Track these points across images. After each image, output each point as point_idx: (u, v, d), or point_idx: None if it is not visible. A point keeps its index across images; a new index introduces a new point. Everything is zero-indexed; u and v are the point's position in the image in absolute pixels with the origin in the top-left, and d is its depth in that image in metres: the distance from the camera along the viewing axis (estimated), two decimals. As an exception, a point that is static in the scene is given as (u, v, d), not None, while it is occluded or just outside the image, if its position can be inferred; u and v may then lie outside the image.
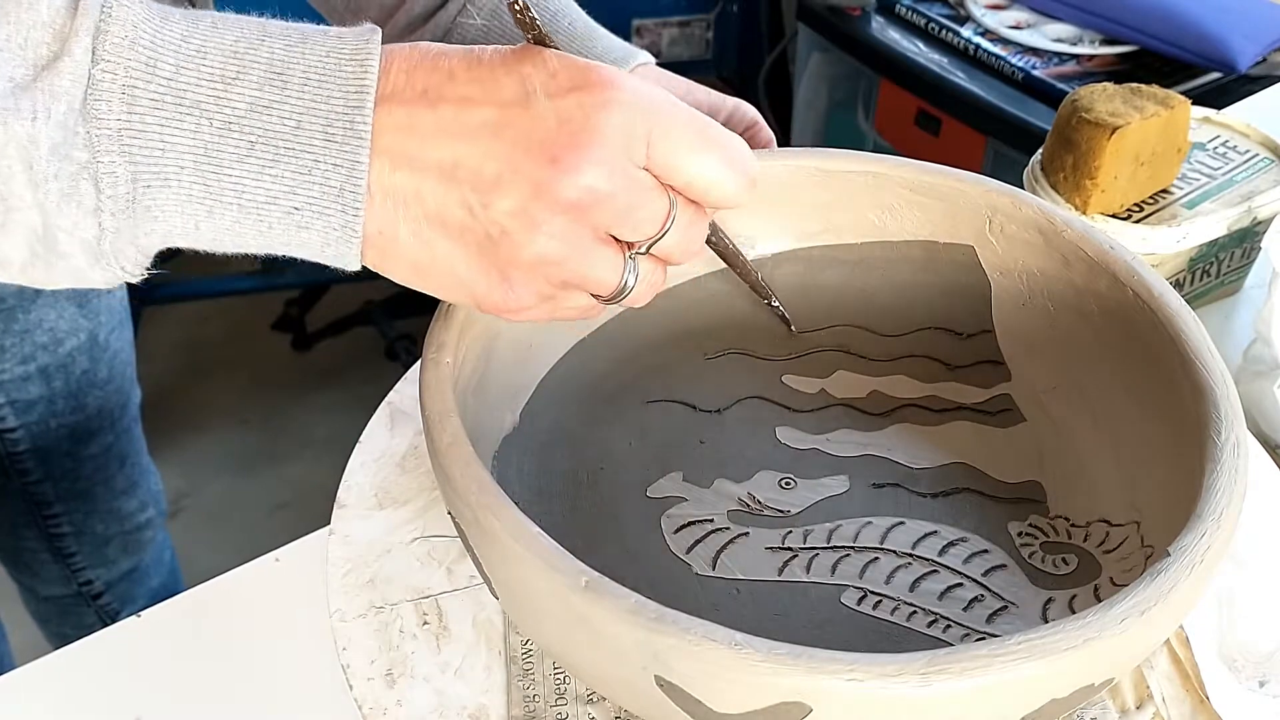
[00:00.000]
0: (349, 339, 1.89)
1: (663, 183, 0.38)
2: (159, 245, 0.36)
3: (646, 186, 0.38)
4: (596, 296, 0.40)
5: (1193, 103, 0.68)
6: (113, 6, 0.34)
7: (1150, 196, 0.68)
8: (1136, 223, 0.67)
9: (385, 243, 0.37)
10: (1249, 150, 0.72)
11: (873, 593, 0.45)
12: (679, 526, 0.47)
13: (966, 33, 1.33)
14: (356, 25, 0.37)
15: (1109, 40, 1.28)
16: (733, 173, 0.39)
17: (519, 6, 0.37)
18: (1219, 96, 1.13)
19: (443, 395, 0.42)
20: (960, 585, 0.45)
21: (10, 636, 0.99)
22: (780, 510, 0.48)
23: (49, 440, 0.85)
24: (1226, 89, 1.18)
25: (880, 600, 0.45)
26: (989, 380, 0.53)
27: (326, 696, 0.49)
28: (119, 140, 0.34)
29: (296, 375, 1.88)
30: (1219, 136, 0.73)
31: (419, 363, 0.44)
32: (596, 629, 0.36)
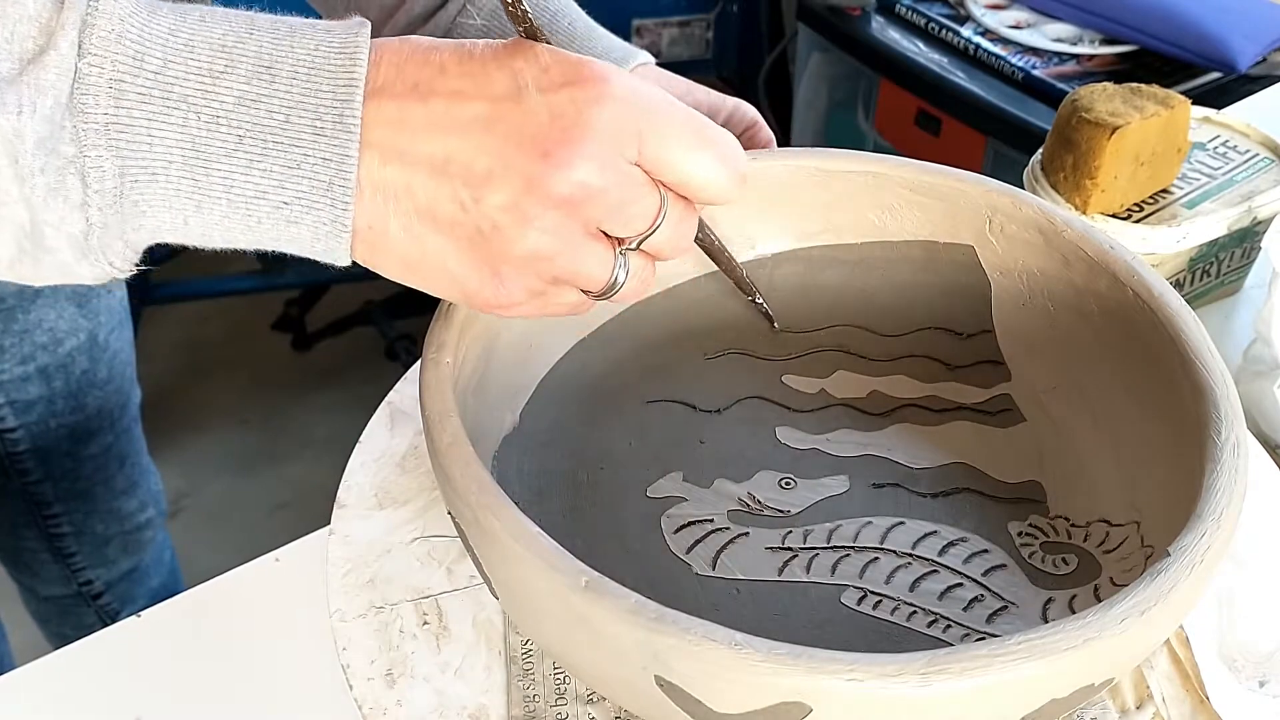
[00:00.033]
0: (349, 339, 1.89)
1: (653, 179, 0.38)
2: (148, 241, 0.36)
3: (638, 182, 0.38)
4: (586, 292, 0.40)
5: (1193, 103, 0.68)
6: (99, 0, 0.33)
7: (1150, 196, 0.68)
8: (1136, 223, 0.67)
9: (375, 237, 0.37)
10: (1249, 150, 0.72)
11: (873, 593, 0.45)
12: (679, 526, 0.47)
13: (966, 32, 1.33)
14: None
15: (1109, 40, 1.28)
16: (724, 169, 0.39)
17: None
18: (1219, 96, 1.13)
19: (443, 395, 0.42)
20: (960, 585, 0.45)
21: (10, 636, 0.99)
22: (780, 510, 0.48)
23: (49, 440, 0.85)
24: (1226, 89, 1.18)
25: (880, 600, 0.45)
26: (989, 380, 0.53)
27: (326, 696, 0.49)
28: (106, 135, 0.34)
29: (296, 375, 1.88)
30: (1219, 136, 0.73)
31: (419, 363, 0.44)
32: (596, 629, 0.36)
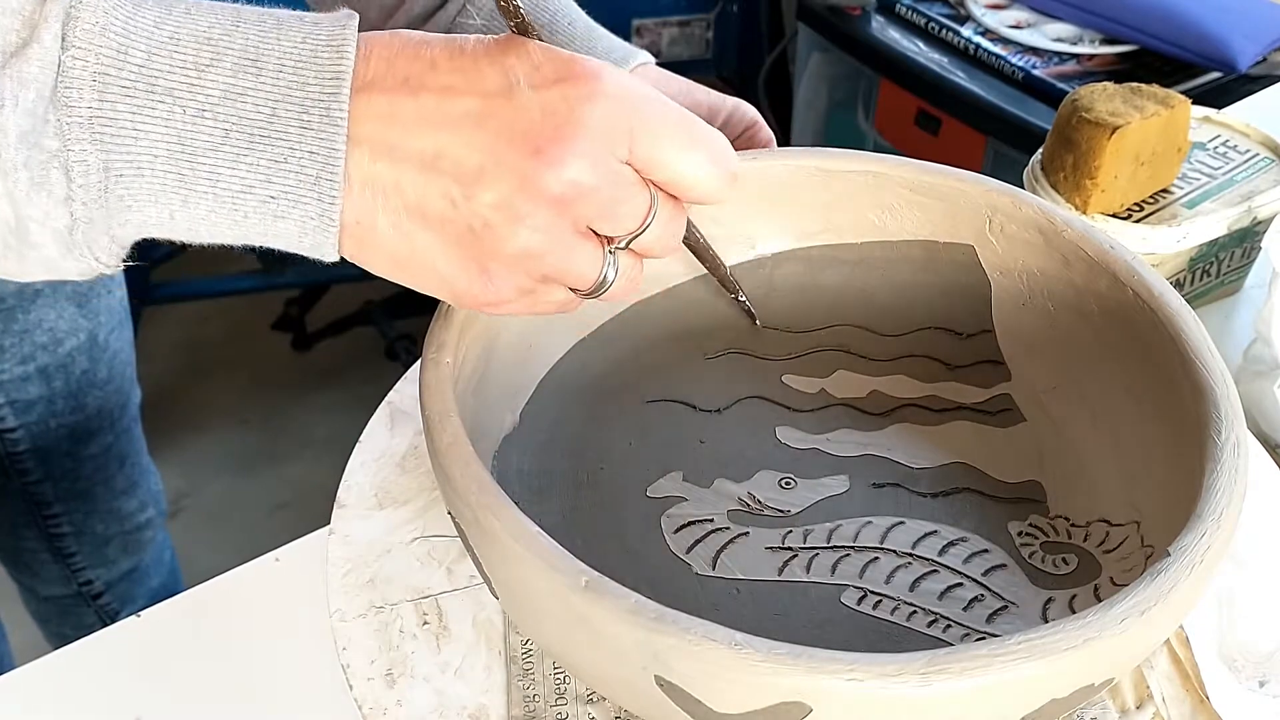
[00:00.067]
0: (349, 339, 1.89)
1: (644, 177, 0.38)
2: (134, 236, 0.36)
3: (629, 181, 0.37)
4: (575, 290, 0.40)
5: (1193, 102, 0.68)
6: None
7: (1150, 196, 0.68)
8: (1136, 222, 0.67)
9: (363, 233, 0.36)
10: (1249, 150, 0.72)
11: (873, 592, 0.45)
12: (679, 526, 0.47)
13: (966, 32, 1.33)
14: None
15: (1109, 40, 1.28)
16: (715, 169, 0.39)
17: None
18: (1219, 96, 1.13)
19: (443, 395, 0.42)
20: (960, 585, 0.45)
21: (10, 636, 0.99)
22: (780, 510, 0.48)
23: (49, 440, 0.85)
24: (1226, 89, 1.18)
25: (880, 600, 0.45)
26: (989, 380, 0.53)
27: (326, 696, 0.49)
28: (90, 128, 0.33)
29: (296, 375, 1.88)
30: (1219, 136, 0.73)
31: (419, 363, 0.44)
32: (596, 629, 0.36)
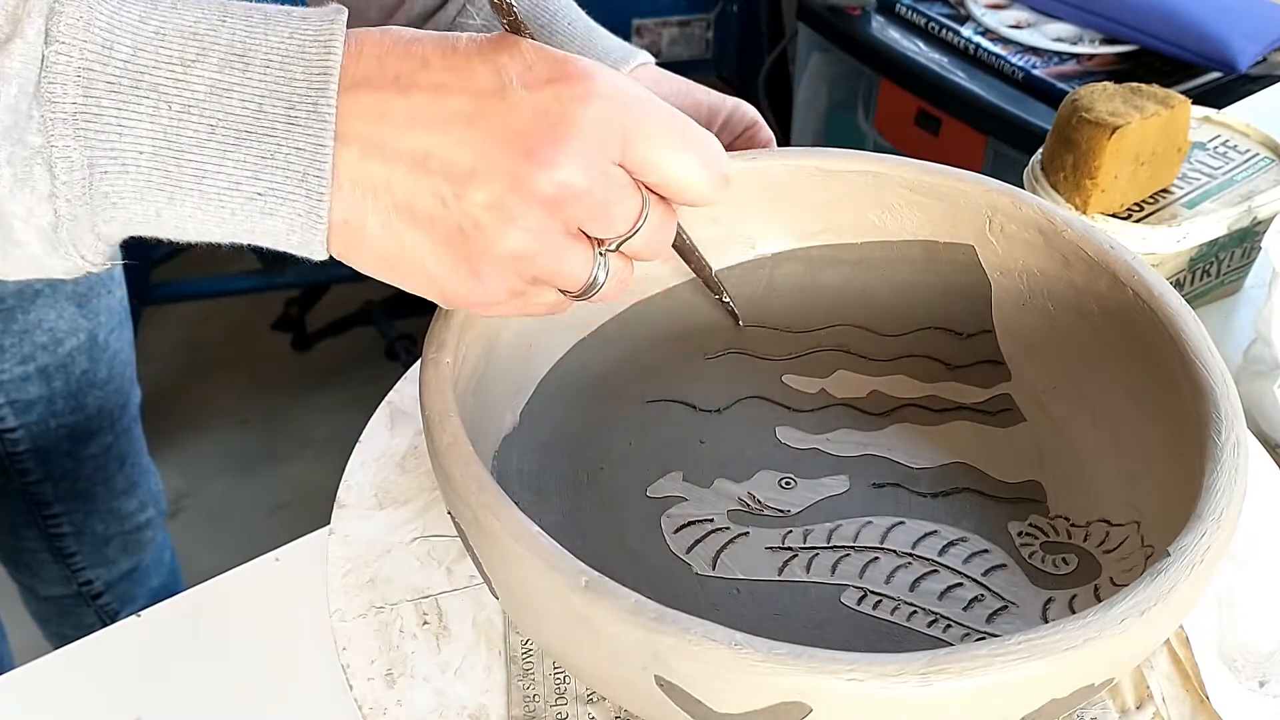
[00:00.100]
0: (349, 339, 1.89)
1: (636, 179, 0.38)
2: (120, 234, 0.36)
3: (621, 183, 0.37)
4: (565, 292, 0.40)
5: (1193, 102, 0.68)
6: None
7: (1150, 196, 0.68)
8: (1136, 222, 0.67)
9: (352, 232, 0.36)
10: (1249, 150, 0.72)
11: (873, 592, 0.45)
12: (679, 526, 0.47)
13: (966, 32, 1.33)
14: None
15: (1109, 40, 1.28)
16: (707, 171, 0.38)
17: None
18: (1219, 96, 1.13)
19: (443, 395, 0.42)
20: (960, 585, 0.45)
21: (10, 636, 0.99)
22: (780, 510, 0.48)
23: (49, 440, 0.85)
24: (1226, 89, 1.18)
25: (880, 600, 0.45)
26: (989, 380, 0.53)
27: (326, 696, 0.49)
28: (74, 124, 0.33)
29: (296, 375, 1.88)
30: (1219, 136, 0.73)
31: (419, 363, 0.44)
32: (596, 629, 0.36)
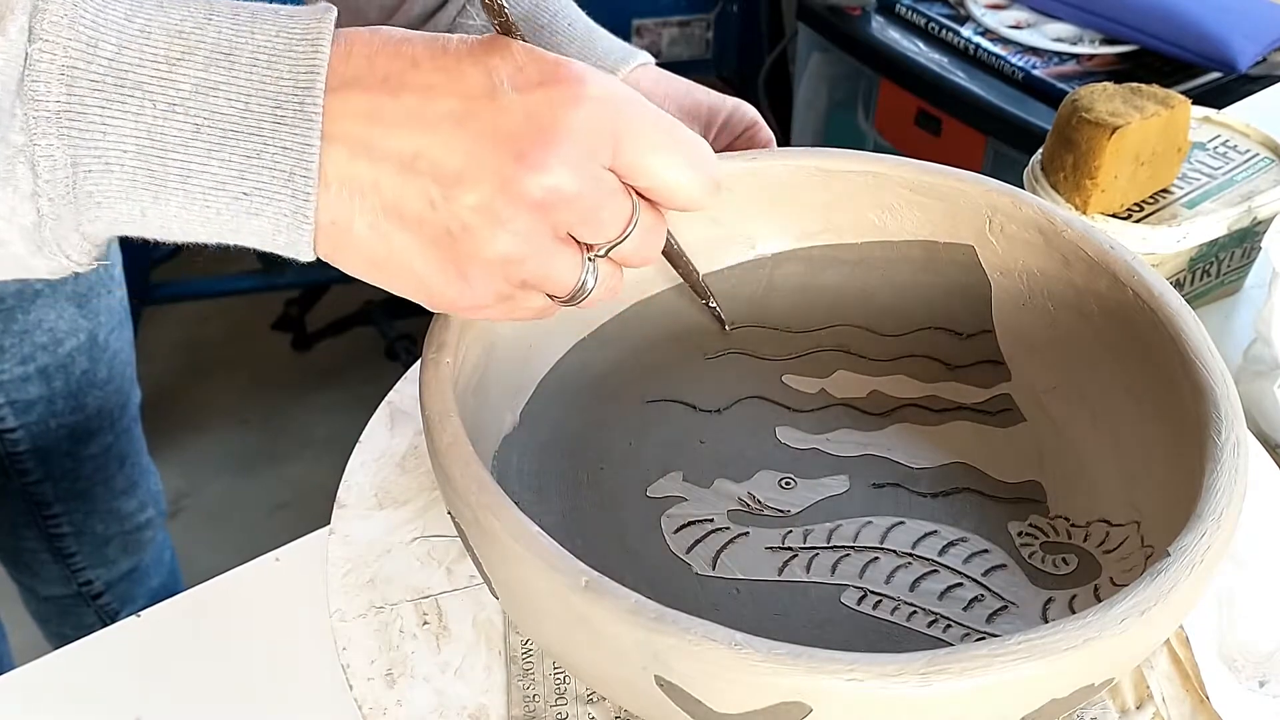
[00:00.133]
0: (349, 339, 1.89)
1: (626, 184, 0.38)
2: (105, 233, 0.35)
3: (611, 188, 0.37)
4: (553, 297, 0.39)
5: (1193, 102, 0.68)
6: None
7: (1150, 196, 0.68)
8: (1136, 222, 0.67)
9: (339, 233, 0.36)
10: (1249, 150, 0.72)
11: (873, 592, 0.45)
12: (679, 526, 0.47)
13: (966, 32, 1.33)
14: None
15: (1109, 40, 1.28)
16: (697, 176, 0.38)
17: None
18: (1219, 96, 1.13)
19: (443, 395, 0.42)
20: (960, 585, 0.45)
21: (10, 636, 0.99)
22: (780, 510, 0.48)
23: (49, 440, 0.85)
24: (1226, 89, 1.18)
25: (880, 600, 0.45)
26: (989, 380, 0.53)
27: (326, 696, 0.49)
28: (57, 123, 0.33)
29: (296, 375, 1.88)
30: (1219, 136, 0.73)
31: (419, 363, 0.44)
32: (596, 629, 0.36)
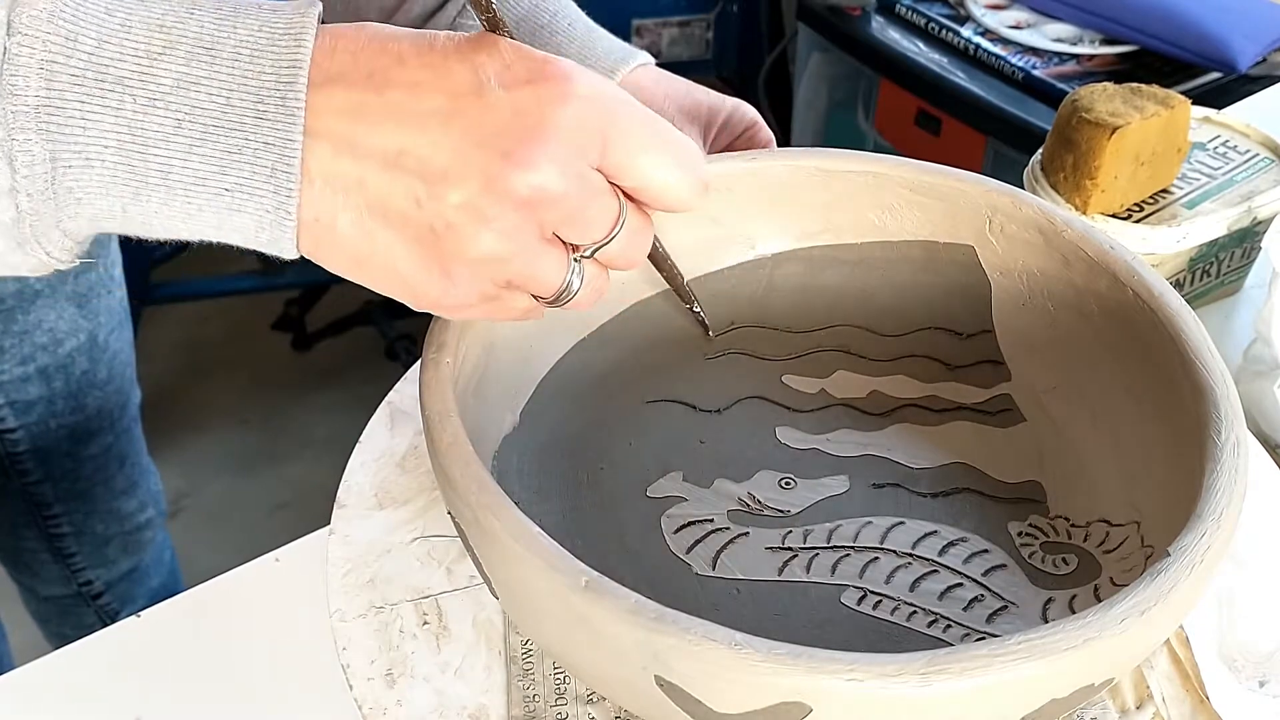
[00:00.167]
0: (349, 339, 1.89)
1: (613, 184, 0.37)
2: (87, 230, 0.35)
3: (598, 188, 0.37)
4: (538, 298, 0.39)
5: (1193, 103, 0.68)
6: None
7: (1150, 196, 0.68)
8: (1136, 223, 0.67)
9: (322, 230, 0.35)
10: (1249, 150, 0.72)
11: (873, 592, 0.45)
12: (679, 526, 0.47)
13: (966, 33, 1.33)
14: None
15: (1109, 40, 1.28)
16: (686, 176, 0.38)
17: None
18: (1219, 96, 1.13)
19: (443, 395, 0.42)
20: (960, 585, 0.45)
21: (10, 636, 0.99)
22: (780, 510, 0.48)
23: (49, 441, 0.85)
24: (1226, 89, 1.18)
25: (880, 600, 0.45)
26: (989, 380, 0.53)
27: (326, 696, 0.49)
28: (36, 118, 0.32)
29: (296, 375, 1.88)
30: (1219, 136, 0.73)
31: (419, 363, 0.44)
32: (596, 629, 0.36)
